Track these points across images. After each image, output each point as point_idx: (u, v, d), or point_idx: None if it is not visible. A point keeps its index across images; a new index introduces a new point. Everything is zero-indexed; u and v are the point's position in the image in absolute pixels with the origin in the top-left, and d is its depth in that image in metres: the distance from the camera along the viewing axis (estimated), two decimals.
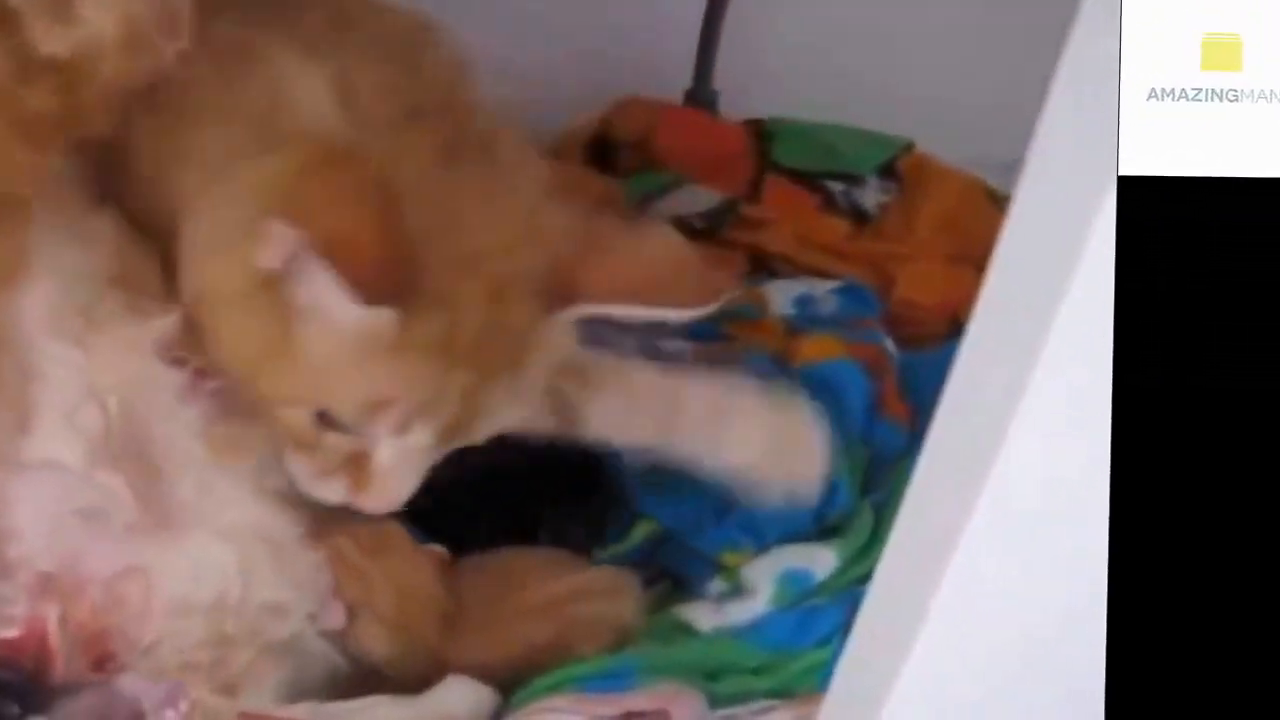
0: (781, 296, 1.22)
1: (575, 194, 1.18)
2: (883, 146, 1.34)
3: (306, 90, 0.80)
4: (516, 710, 0.86)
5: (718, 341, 1.17)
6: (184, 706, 0.80)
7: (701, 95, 1.43)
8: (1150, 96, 0.59)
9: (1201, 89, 0.59)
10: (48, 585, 0.82)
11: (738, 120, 1.38)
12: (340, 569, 0.87)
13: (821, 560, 0.95)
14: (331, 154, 0.77)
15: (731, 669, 0.88)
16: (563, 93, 1.33)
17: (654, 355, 1.15)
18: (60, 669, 0.82)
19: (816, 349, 1.13)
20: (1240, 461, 0.62)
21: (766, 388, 0.94)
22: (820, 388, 1.09)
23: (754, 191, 1.30)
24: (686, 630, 0.93)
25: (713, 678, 0.87)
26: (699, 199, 1.29)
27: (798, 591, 0.94)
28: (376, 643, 0.88)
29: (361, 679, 0.88)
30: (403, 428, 0.79)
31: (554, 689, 0.86)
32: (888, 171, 1.32)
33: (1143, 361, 0.60)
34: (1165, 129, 0.59)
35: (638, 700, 0.83)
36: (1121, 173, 0.59)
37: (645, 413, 0.92)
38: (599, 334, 1.13)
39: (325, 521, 0.87)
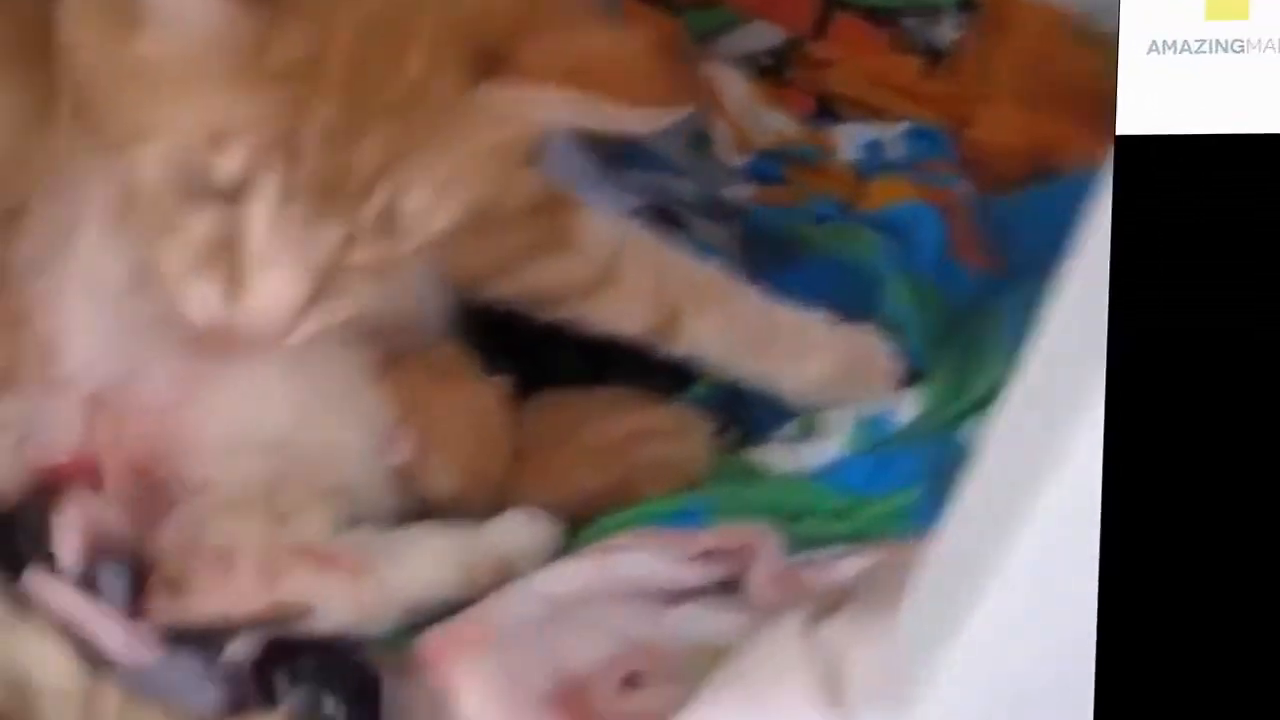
0: (849, 140, 1.17)
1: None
2: None
3: None
4: (582, 548, 0.82)
5: (780, 186, 1.14)
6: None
7: None
8: (1151, 50, 0.56)
9: (1206, 40, 0.55)
10: (99, 406, 0.78)
11: None
12: (406, 401, 0.83)
13: (902, 405, 0.91)
14: None
15: (809, 512, 0.85)
16: None
17: (714, 205, 1.12)
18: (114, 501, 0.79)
19: (886, 192, 1.10)
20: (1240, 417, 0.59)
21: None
22: (890, 231, 1.05)
23: (820, 29, 1.24)
24: (758, 473, 0.89)
25: (792, 520, 0.83)
26: (762, 36, 1.23)
27: (876, 435, 0.90)
28: (441, 478, 0.84)
29: (420, 517, 0.84)
30: (253, 169, 0.68)
31: (623, 527, 0.83)
32: (964, 4, 1.25)
33: (1141, 330, 0.57)
34: (1167, 84, 0.56)
35: (717, 538, 0.80)
36: (1120, 131, 0.55)
37: (739, 334, 0.91)
38: (657, 183, 1.10)
39: (390, 354, 0.84)
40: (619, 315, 0.89)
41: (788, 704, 0.67)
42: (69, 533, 0.77)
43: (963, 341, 0.96)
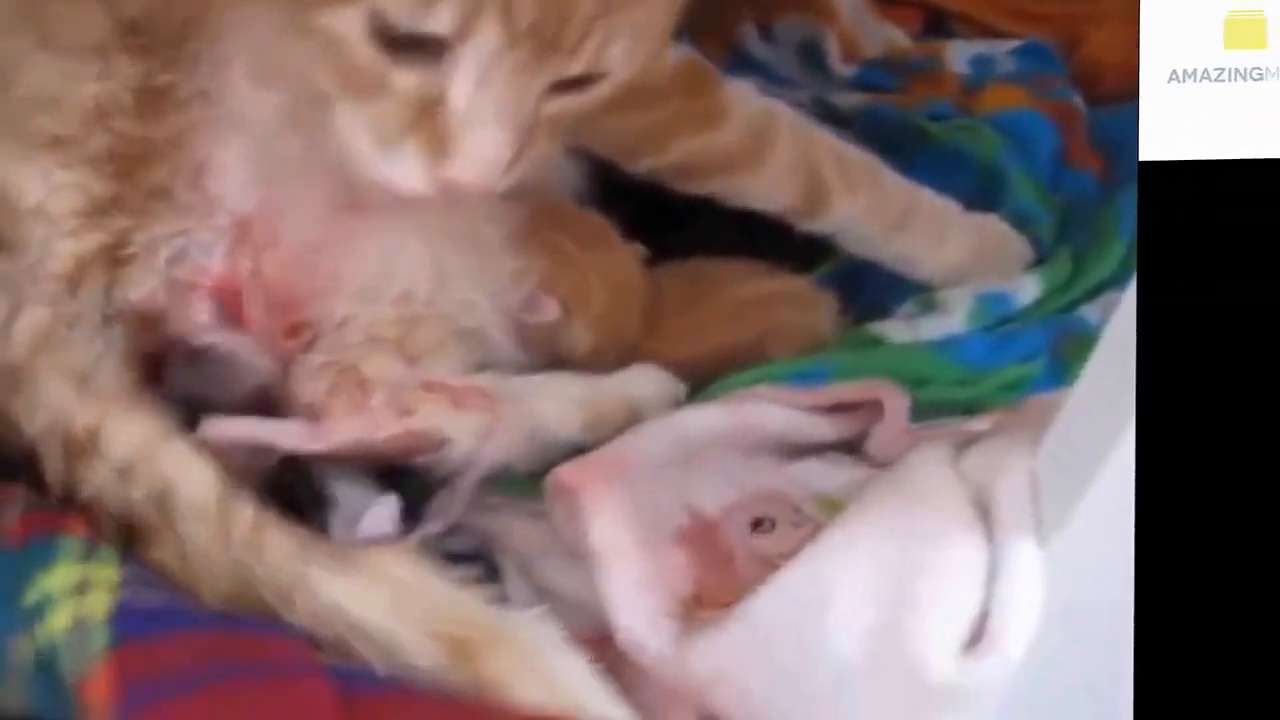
0: (958, 55, 1.18)
1: None
2: None
3: None
4: (709, 400, 0.83)
5: (891, 93, 1.14)
6: None
7: None
8: (1171, 78, 0.57)
9: (1225, 69, 0.57)
10: (242, 236, 0.79)
11: None
12: (555, 263, 0.84)
13: (1023, 286, 0.92)
14: None
15: (931, 379, 0.85)
16: None
17: (828, 110, 1.12)
18: (253, 330, 0.80)
19: (1000, 98, 1.10)
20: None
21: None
22: (1005, 133, 1.05)
23: None
24: (881, 342, 0.90)
25: (915, 386, 0.83)
26: None
27: (996, 313, 0.91)
28: (578, 336, 0.85)
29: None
30: (466, 22, 0.64)
31: (748, 385, 0.83)
32: None
33: (1171, 353, 0.58)
34: (1188, 111, 0.57)
35: (846, 391, 0.80)
36: (1143, 158, 0.56)
37: (884, 213, 0.92)
38: (768, 90, 1.10)
39: (532, 218, 0.84)
40: (767, 190, 0.90)
41: (937, 525, 0.66)
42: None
43: (1079, 235, 0.97)
